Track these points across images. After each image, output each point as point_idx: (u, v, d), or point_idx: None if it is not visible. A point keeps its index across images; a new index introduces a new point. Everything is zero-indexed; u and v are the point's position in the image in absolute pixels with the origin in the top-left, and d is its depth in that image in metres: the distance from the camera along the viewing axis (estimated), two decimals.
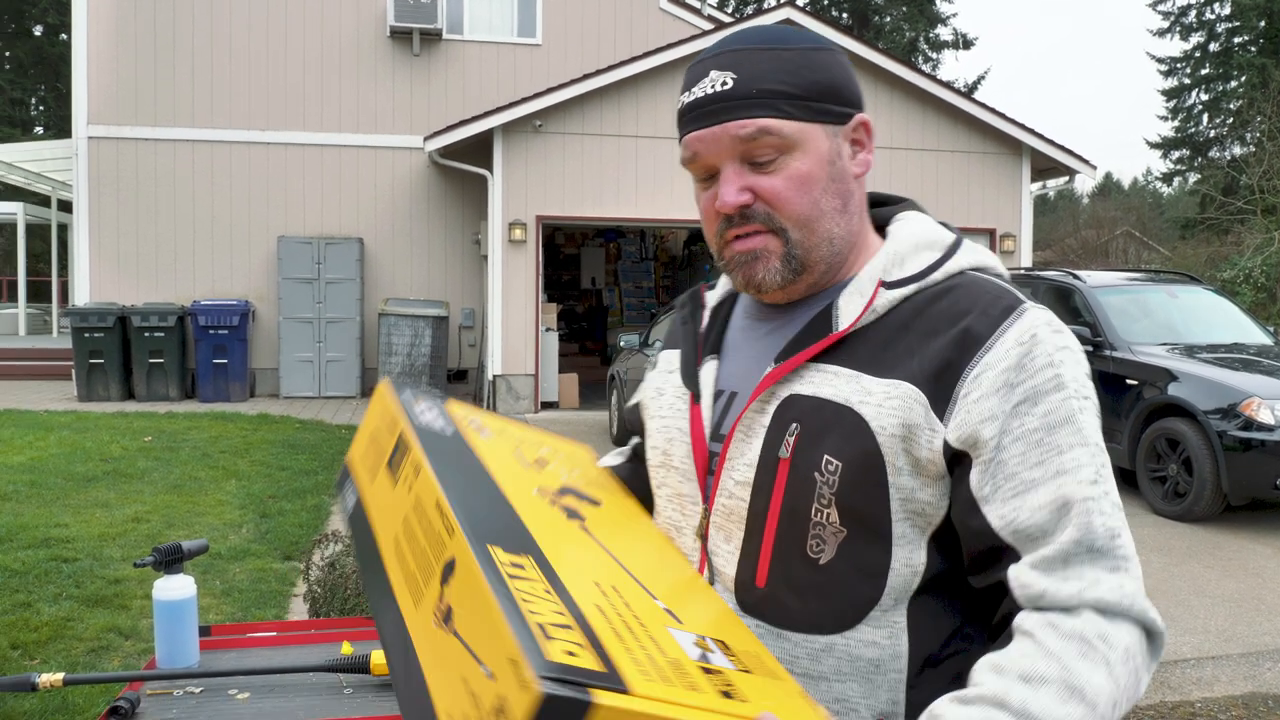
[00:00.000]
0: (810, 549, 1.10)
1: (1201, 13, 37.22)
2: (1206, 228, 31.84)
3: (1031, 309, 1.08)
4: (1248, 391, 7.25)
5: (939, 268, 1.13)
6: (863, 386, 1.08)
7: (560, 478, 1.27)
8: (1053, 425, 1.03)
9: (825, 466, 1.08)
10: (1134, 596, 0.99)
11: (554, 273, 18.65)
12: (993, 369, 1.04)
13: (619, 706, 0.82)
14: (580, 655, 0.84)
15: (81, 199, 13.85)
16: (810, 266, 1.16)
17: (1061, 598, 0.98)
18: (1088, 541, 1.00)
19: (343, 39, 14.41)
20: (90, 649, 4.51)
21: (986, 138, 13.70)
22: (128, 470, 8.24)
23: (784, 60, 1.13)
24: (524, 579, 0.93)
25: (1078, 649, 0.96)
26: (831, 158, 1.15)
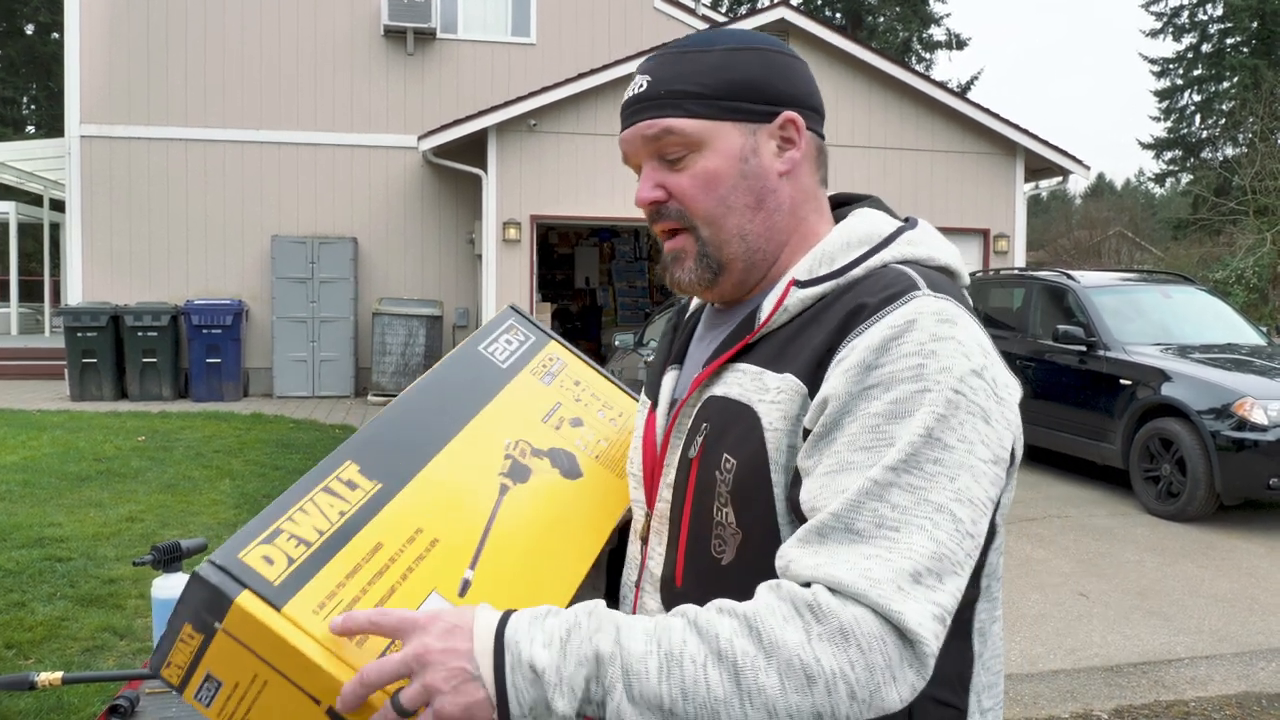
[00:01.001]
0: (714, 549, 1.10)
1: (1194, 14, 37.36)
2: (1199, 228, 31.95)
3: (921, 296, 1.02)
4: (1241, 391, 7.27)
5: (861, 263, 1.10)
6: (763, 383, 1.08)
7: (568, 440, 1.33)
8: (895, 415, 0.95)
9: (724, 465, 1.08)
10: (878, 584, 0.88)
11: (548, 272, 18.64)
12: (859, 350, 0.99)
13: (254, 614, 0.92)
14: (274, 565, 0.97)
15: (74, 198, 13.81)
16: (727, 265, 1.16)
17: (801, 568, 0.92)
18: (847, 519, 0.92)
19: (336, 38, 14.39)
20: (85, 649, 4.50)
21: (980, 138, 13.73)
22: (121, 470, 8.22)
23: (700, 62, 1.14)
24: (337, 495, 1.06)
25: (778, 606, 0.89)
26: (744, 155, 1.14)
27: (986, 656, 1.13)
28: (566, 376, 1.42)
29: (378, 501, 1.08)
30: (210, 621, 0.94)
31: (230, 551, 0.96)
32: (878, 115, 13.29)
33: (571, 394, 1.40)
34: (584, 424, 1.37)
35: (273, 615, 0.93)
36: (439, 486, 1.14)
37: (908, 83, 13.33)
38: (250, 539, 0.98)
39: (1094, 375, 8.50)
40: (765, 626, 0.88)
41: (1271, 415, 7.10)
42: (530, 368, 1.38)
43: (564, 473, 1.29)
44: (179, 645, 0.96)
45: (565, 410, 1.37)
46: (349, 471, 1.09)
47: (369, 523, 1.05)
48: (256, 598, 0.93)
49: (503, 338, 1.39)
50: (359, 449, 1.12)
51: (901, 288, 1.03)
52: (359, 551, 1.02)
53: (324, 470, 1.08)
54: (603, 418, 1.41)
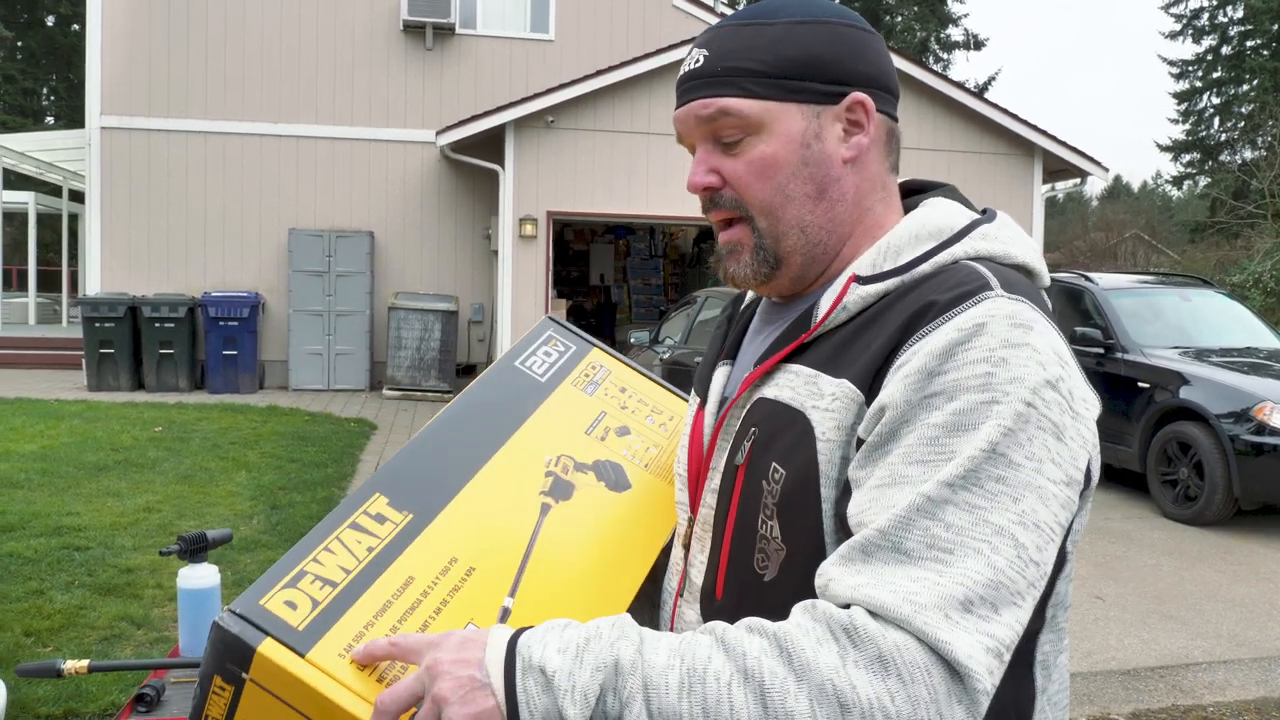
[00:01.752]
0: (757, 564, 1.02)
1: (1214, 16, 37.15)
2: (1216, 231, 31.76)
3: (995, 297, 0.92)
4: (1260, 396, 7.23)
5: (930, 258, 1.01)
6: (818, 388, 0.99)
7: (614, 451, 1.27)
8: (957, 427, 0.87)
9: (772, 475, 1.00)
10: (923, 610, 0.80)
11: (563, 269, 18.65)
12: (921, 354, 0.90)
13: (278, 662, 0.90)
14: (297, 610, 0.94)
15: (94, 189, 13.88)
16: (785, 258, 1.08)
17: (841, 588, 0.85)
18: (895, 538, 0.84)
19: (356, 32, 14.42)
20: (103, 637, 4.53)
21: (998, 138, 13.68)
22: (138, 460, 8.26)
23: (761, 35, 1.05)
24: (365, 530, 1.02)
25: (811, 628, 0.83)
26: (806, 140, 1.05)
27: (1051, 692, 1.03)
28: (611, 384, 1.36)
29: (409, 534, 1.03)
30: (237, 672, 0.92)
31: (251, 599, 0.93)
32: None
33: (617, 402, 1.34)
34: (631, 432, 1.31)
35: (298, 662, 0.90)
36: (475, 513, 1.09)
37: (925, 82, 13.29)
38: (273, 584, 0.95)
39: (1111, 378, 8.46)
40: (797, 648, 0.81)
41: None
42: (571, 379, 1.33)
43: (610, 485, 1.22)
44: (212, 698, 0.95)
45: (610, 420, 1.30)
46: (377, 505, 1.05)
47: (399, 557, 1.01)
48: (280, 645, 0.91)
49: (541, 350, 1.34)
50: (387, 481, 1.08)
51: (973, 287, 0.94)
52: (389, 588, 0.98)
53: (351, 505, 1.04)
54: (652, 424, 1.34)
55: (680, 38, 13.91)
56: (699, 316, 9.84)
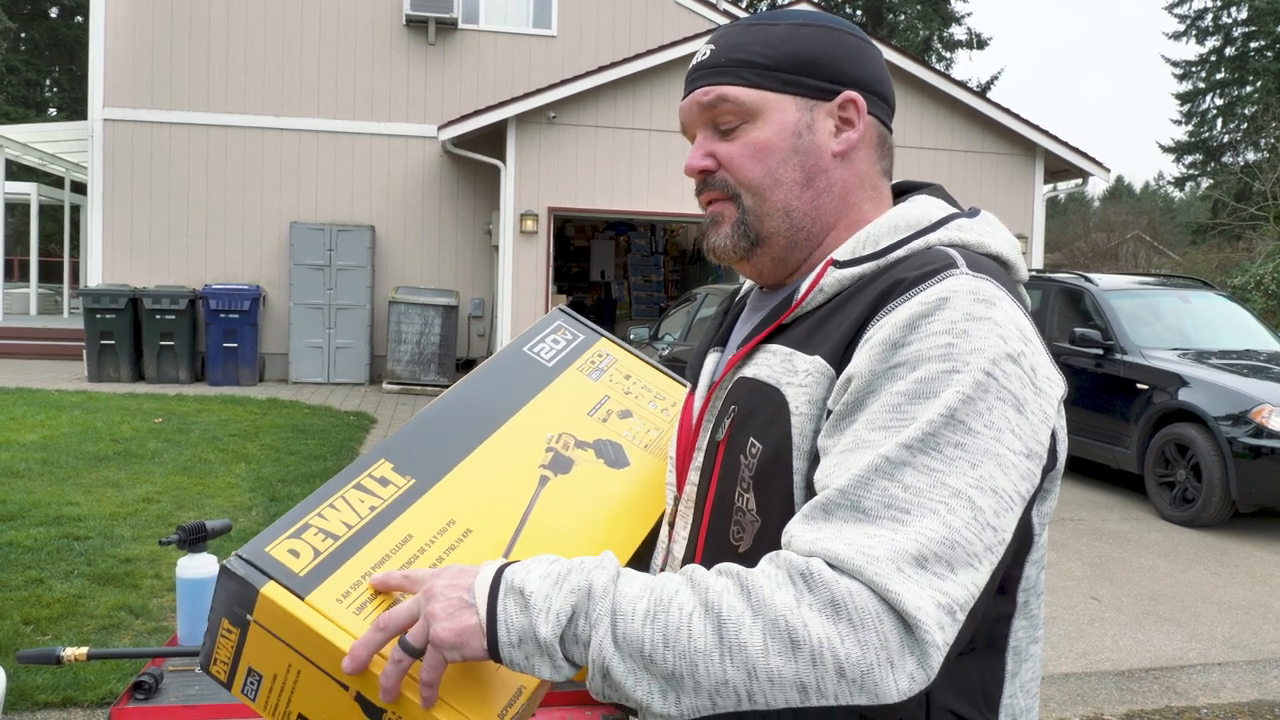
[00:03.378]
0: (732, 535, 1.07)
1: (1218, 17, 37.10)
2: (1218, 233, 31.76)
3: (959, 274, 0.96)
4: (1259, 398, 7.24)
5: (904, 245, 1.05)
6: (792, 365, 1.04)
7: (615, 431, 1.32)
8: (918, 395, 0.90)
9: (749, 449, 1.04)
10: (875, 561, 0.83)
11: (564, 264, 18.66)
12: (884, 328, 0.95)
13: (279, 603, 0.96)
14: (300, 558, 1.00)
15: (96, 181, 13.89)
16: (766, 239, 1.13)
17: (800, 543, 0.89)
18: (854, 496, 0.88)
19: (358, 26, 14.42)
20: (101, 626, 4.54)
21: (1000, 138, 13.68)
22: (138, 451, 8.28)
23: (765, 33, 1.12)
24: (369, 491, 1.08)
25: (773, 572, 0.87)
26: (798, 130, 1.11)
27: (1023, 678, 1.06)
28: (616, 371, 1.42)
29: (410, 496, 1.09)
30: (242, 614, 0.98)
31: (258, 546, 0.99)
32: (898, 113, 13.25)
33: (621, 387, 1.40)
34: (633, 415, 1.37)
35: (298, 604, 0.96)
36: (475, 480, 1.15)
37: (928, 81, 13.30)
38: (278, 534, 1.01)
39: (1110, 379, 8.47)
40: (755, 586, 0.86)
41: None
42: (578, 365, 1.38)
43: (609, 462, 1.28)
44: (220, 641, 1.01)
45: (614, 403, 1.36)
46: (382, 469, 1.11)
47: (400, 515, 1.07)
48: (282, 588, 0.96)
49: (549, 338, 1.40)
50: (394, 448, 1.13)
51: (939, 265, 0.98)
52: (388, 543, 1.04)
53: (357, 468, 1.10)
54: (654, 408, 1.40)
55: (683, 34, 13.92)
56: (699, 313, 9.85)
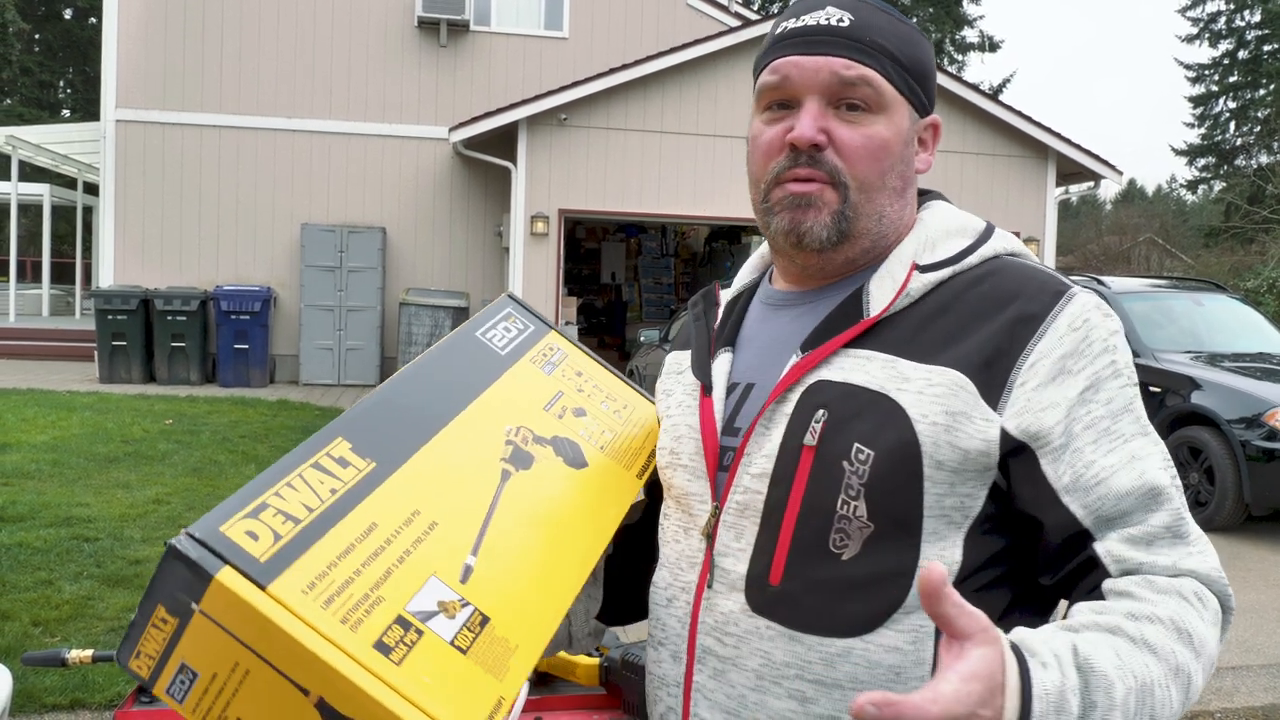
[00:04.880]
0: (833, 544, 1.02)
1: (1231, 20, 36.97)
2: (1231, 236, 31.64)
3: (1080, 292, 1.04)
4: (1272, 401, 7.19)
5: (973, 252, 1.09)
6: (899, 372, 1.03)
7: (571, 429, 1.26)
8: (1115, 413, 1.01)
9: (855, 455, 1.02)
10: (1221, 572, 0.99)
11: (574, 266, 18.65)
12: (1048, 356, 1.00)
13: (237, 592, 0.84)
14: (259, 541, 0.88)
15: (108, 182, 13.94)
16: (855, 236, 1.11)
17: (1160, 566, 0.97)
18: (1176, 528, 0.99)
19: (370, 28, 14.44)
20: (110, 628, 4.54)
21: (1012, 141, 13.64)
22: (148, 452, 8.29)
23: (898, 29, 1.11)
24: (327, 472, 0.98)
25: (1177, 601, 0.94)
26: (908, 139, 1.12)
27: None
28: (568, 367, 1.36)
29: (372, 481, 1.00)
30: (186, 602, 0.85)
31: (211, 524, 0.87)
32: None
33: (574, 384, 1.34)
34: (587, 414, 1.31)
35: (257, 594, 0.84)
36: (437, 469, 1.07)
37: (941, 84, 13.25)
38: (232, 512, 0.89)
39: None
40: (1191, 628, 0.93)
41: None
42: (530, 356, 1.32)
43: (568, 461, 1.22)
44: (150, 631, 0.87)
45: (568, 400, 1.31)
46: (340, 448, 1.01)
47: (362, 502, 0.98)
48: (239, 574, 0.85)
49: (501, 325, 1.33)
50: (351, 426, 1.04)
51: (1058, 285, 1.05)
52: (352, 531, 0.95)
53: (313, 446, 1.00)
54: (606, 409, 1.35)
55: (694, 36, 13.90)
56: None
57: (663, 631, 1.18)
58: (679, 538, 1.18)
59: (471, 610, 0.97)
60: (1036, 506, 1.00)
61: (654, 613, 1.21)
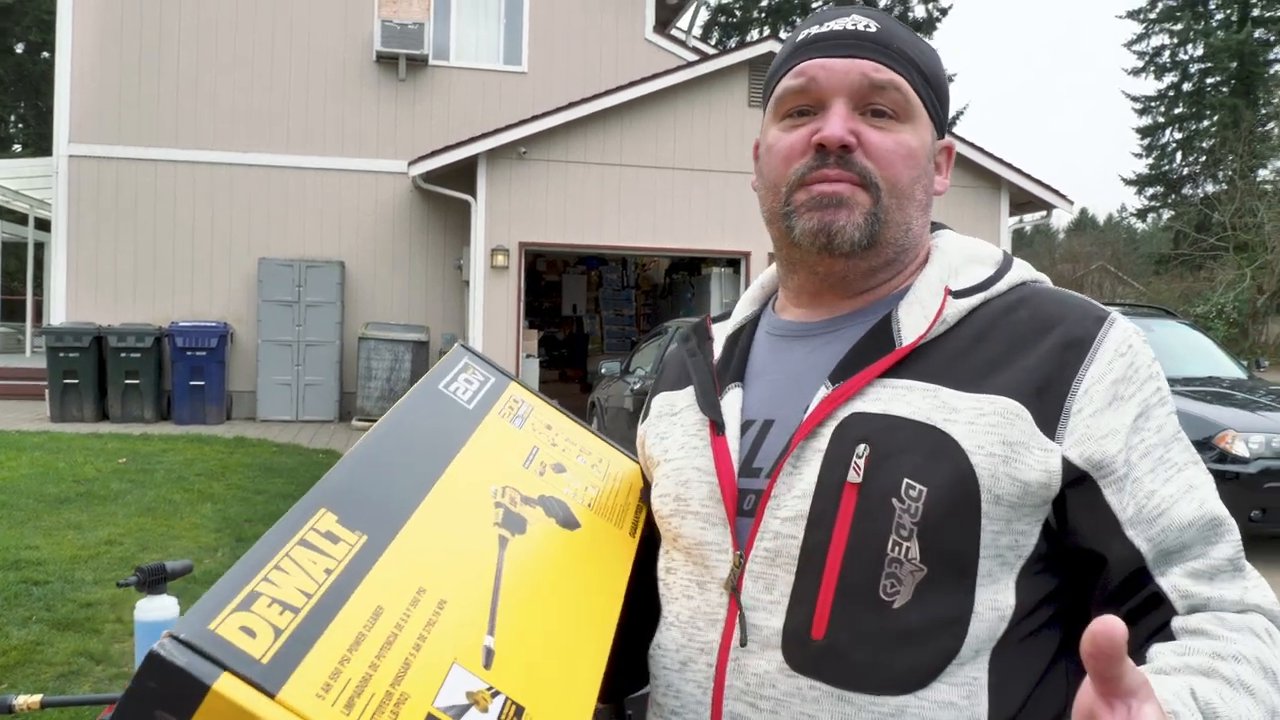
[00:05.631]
0: (884, 590, 0.94)
1: (1175, 53, 37.91)
2: (1180, 263, 32.27)
3: (1120, 318, 1.02)
4: (1222, 424, 7.31)
5: (1000, 279, 1.06)
6: (943, 402, 0.97)
7: (555, 488, 1.18)
8: (1167, 441, 0.98)
9: (906, 492, 0.94)
10: (1278, 605, 0.96)
11: (535, 299, 18.64)
12: (1101, 381, 0.97)
13: (241, 704, 0.72)
14: (258, 638, 0.76)
15: (60, 217, 13.75)
16: (881, 245, 1.05)
17: (1228, 601, 0.93)
18: (1237, 561, 0.96)
19: (328, 63, 14.42)
20: (60, 674, 4.43)
21: (965, 171, 13.84)
22: (101, 492, 8.14)
23: (922, 44, 1.10)
24: (318, 550, 0.87)
25: (1254, 640, 0.90)
26: (930, 154, 1.10)
27: None
28: (536, 420, 1.28)
29: (367, 557, 0.90)
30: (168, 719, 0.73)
31: (198, 623, 0.75)
32: None
33: (546, 438, 1.25)
34: (567, 470, 1.23)
35: (265, 704, 0.73)
36: (431, 539, 0.97)
37: None
38: (221, 605, 0.77)
39: None
40: (1275, 665, 0.90)
41: (1253, 448, 7.13)
42: (497, 409, 1.23)
43: (560, 522, 1.13)
44: None
45: (545, 455, 1.22)
46: (326, 521, 0.90)
47: (362, 582, 0.87)
48: (241, 681, 0.73)
49: (461, 377, 1.24)
50: (332, 496, 0.94)
51: (1098, 310, 1.02)
52: (358, 617, 0.84)
53: (296, 520, 0.89)
54: (583, 463, 1.26)
55: (652, 70, 14.01)
56: (670, 347, 9.86)
57: (676, 699, 1.06)
58: (692, 593, 1.08)
59: (504, 700, 0.87)
60: (1098, 540, 0.95)
61: (663, 679, 1.09)
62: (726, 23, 38.02)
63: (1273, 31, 35.85)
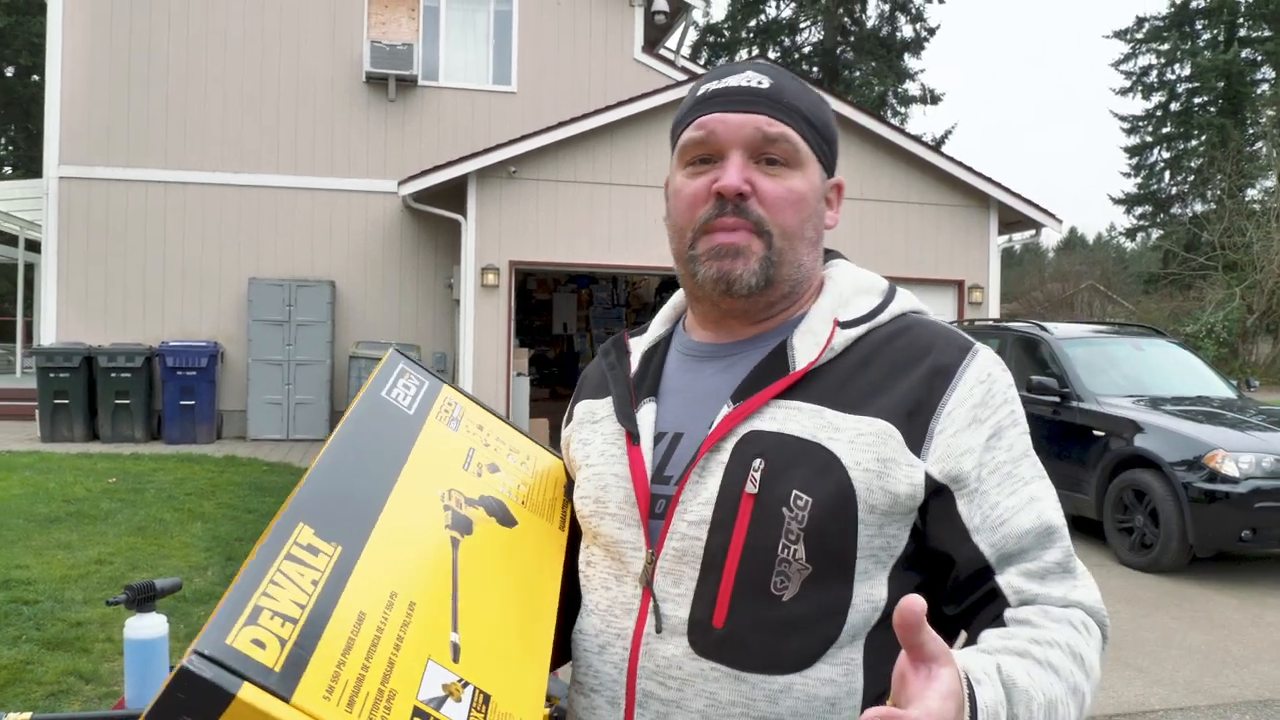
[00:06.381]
0: (774, 586, 1.08)
1: (1163, 73, 38.18)
2: (1169, 283, 32.40)
3: (982, 349, 1.16)
4: (1212, 444, 7.34)
5: (884, 310, 1.18)
6: (828, 422, 1.10)
7: (493, 488, 1.27)
8: (1016, 458, 1.12)
9: (794, 502, 1.07)
10: (1101, 603, 1.11)
11: (526, 318, 18.65)
12: (962, 405, 1.10)
13: (262, 709, 0.81)
14: (267, 650, 0.85)
15: (50, 239, 13.74)
16: (777, 283, 1.18)
17: (1054, 597, 1.07)
18: (1065, 564, 1.10)
19: (318, 83, 14.47)
20: (50, 693, 4.42)
21: (954, 191, 13.91)
22: (91, 511, 8.12)
23: (810, 95, 1.21)
24: (302, 563, 0.95)
25: (1069, 630, 1.05)
26: (820, 194, 1.22)
27: None
28: (469, 421, 1.37)
29: (344, 567, 0.99)
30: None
31: (216, 638, 0.83)
32: (853, 167, 13.45)
33: (480, 439, 1.35)
34: (500, 470, 1.33)
35: (283, 708, 0.82)
36: (395, 544, 1.06)
37: (883, 135, 13.52)
38: (232, 621, 0.85)
39: (1067, 426, 8.57)
40: (1083, 654, 1.03)
41: (1243, 467, 7.16)
42: (435, 413, 1.32)
43: (500, 520, 1.23)
44: None
45: (480, 456, 1.32)
46: (305, 535, 0.99)
47: (344, 591, 0.96)
48: (260, 690, 0.81)
49: (399, 383, 1.32)
50: (308, 510, 1.02)
51: (963, 341, 1.16)
52: (345, 624, 0.93)
53: (279, 537, 0.97)
54: (514, 462, 1.37)
55: (641, 90, 14.08)
56: None
57: (595, 679, 1.19)
58: (609, 584, 1.20)
59: (472, 690, 0.98)
60: (949, 543, 1.10)
61: (583, 660, 1.22)
62: (715, 43, 38.21)
63: (1259, 51, 36.17)
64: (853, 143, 13.46)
